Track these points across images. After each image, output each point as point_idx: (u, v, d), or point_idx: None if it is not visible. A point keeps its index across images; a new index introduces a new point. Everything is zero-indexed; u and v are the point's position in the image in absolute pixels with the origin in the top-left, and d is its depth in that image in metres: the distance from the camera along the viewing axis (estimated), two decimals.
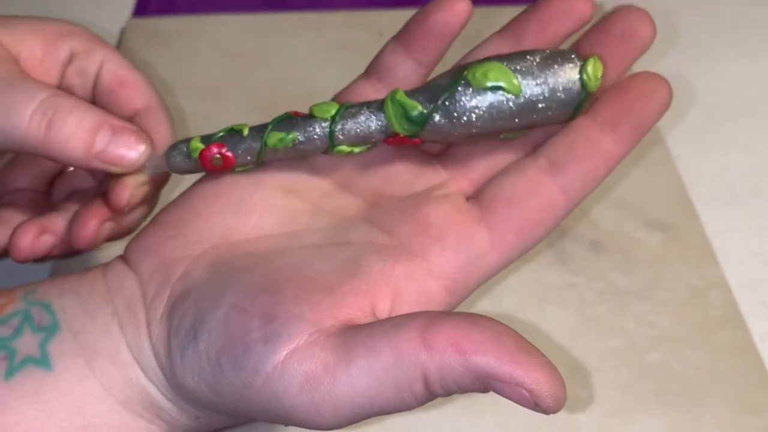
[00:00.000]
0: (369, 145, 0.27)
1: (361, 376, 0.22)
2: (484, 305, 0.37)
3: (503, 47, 0.28)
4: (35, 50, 0.30)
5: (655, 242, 0.40)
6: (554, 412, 0.22)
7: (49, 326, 0.26)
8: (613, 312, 0.37)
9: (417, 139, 0.26)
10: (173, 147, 0.28)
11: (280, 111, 0.28)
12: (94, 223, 0.28)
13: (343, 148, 0.26)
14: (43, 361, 0.25)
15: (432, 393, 0.22)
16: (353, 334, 0.23)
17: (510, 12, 0.29)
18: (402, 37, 0.28)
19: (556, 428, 0.33)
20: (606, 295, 0.38)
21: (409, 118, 0.26)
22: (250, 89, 0.49)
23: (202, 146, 0.27)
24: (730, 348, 0.35)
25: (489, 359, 0.21)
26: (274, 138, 0.26)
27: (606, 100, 0.27)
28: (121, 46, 0.53)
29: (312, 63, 0.51)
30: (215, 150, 0.27)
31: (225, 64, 0.51)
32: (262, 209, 0.28)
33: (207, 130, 0.30)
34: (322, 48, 0.52)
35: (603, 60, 0.26)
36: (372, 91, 0.29)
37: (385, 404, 0.22)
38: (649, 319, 0.37)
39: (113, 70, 0.30)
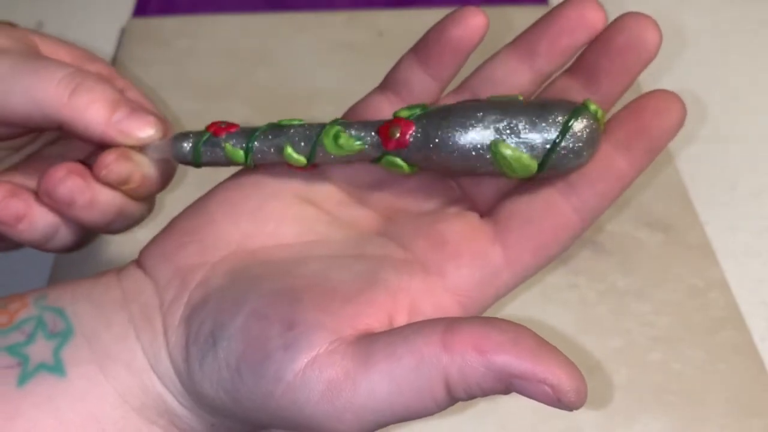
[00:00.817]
0: (360, 143, 0.26)
1: (382, 382, 0.22)
2: None
3: (516, 61, 0.28)
4: (64, 60, 0.31)
5: (655, 242, 0.40)
6: (577, 407, 0.22)
7: (62, 332, 0.26)
8: (614, 312, 0.37)
9: (408, 125, 0.26)
10: (180, 134, 0.28)
11: (281, 111, 0.28)
12: (67, 167, 0.28)
13: (335, 128, 0.26)
14: (56, 368, 0.25)
15: (453, 397, 0.23)
16: (373, 341, 0.23)
17: (516, 12, 0.28)
18: (418, 52, 0.28)
19: (556, 428, 0.33)
20: (607, 295, 0.38)
21: (410, 107, 0.26)
22: (250, 89, 0.49)
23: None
24: (730, 348, 0.35)
25: (510, 358, 0.22)
26: (283, 120, 0.27)
27: (619, 120, 0.27)
28: (121, 46, 0.53)
29: (312, 63, 0.51)
30: (224, 124, 0.28)
31: (225, 64, 0.51)
32: (279, 217, 0.28)
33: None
34: (322, 48, 0.52)
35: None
36: (387, 104, 0.29)
37: (406, 410, 0.22)
38: (649, 319, 0.37)
39: (133, 95, 0.32)
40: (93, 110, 0.28)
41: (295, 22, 0.55)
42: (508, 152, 0.25)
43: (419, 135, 0.26)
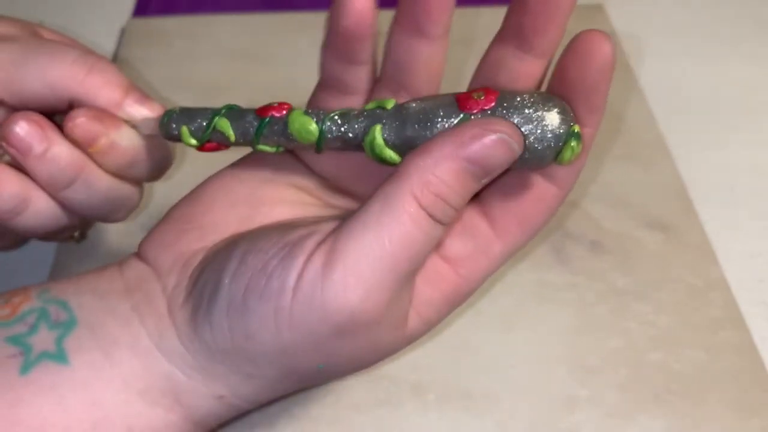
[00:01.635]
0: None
1: (364, 234, 0.24)
2: (483, 304, 0.37)
3: (508, 53, 0.27)
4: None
5: (655, 242, 0.40)
6: (521, 148, 0.24)
7: (66, 322, 0.26)
8: (613, 312, 0.37)
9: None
10: (168, 111, 0.28)
11: None
12: (26, 114, 0.28)
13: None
14: (59, 356, 0.25)
15: (429, 213, 0.24)
16: (345, 220, 0.25)
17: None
18: (328, 47, 0.28)
19: (556, 428, 0.33)
20: (606, 295, 0.38)
21: (377, 101, 0.27)
22: (250, 89, 0.49)
23: (194, 143, 0.28)
24: (730, 348, 0.35)
25: (455, 141, 0.24)
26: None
27: (554, 88, 0.26)
28: (121, 46, 0.53)
29: (312, 63, 0.51)
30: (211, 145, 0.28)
31: (225, 64, 0.51)
32: (273, 200, 0.28)
33: None
34: None
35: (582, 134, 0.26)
36: (333, 101, 0.29)
37: (396, 248, 0.24)
38: (649, 319, 0.37)
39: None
40: (107, 91, 0.29)
41: (295, 22, 0.55)
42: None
43: (397, 127, 0.26)
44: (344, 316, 0.24)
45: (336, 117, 0.26)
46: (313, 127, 0.26)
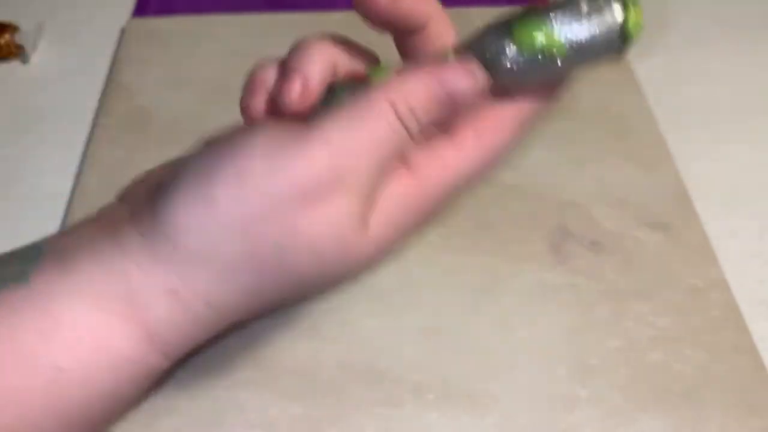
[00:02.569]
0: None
1: (345, 121, 0.26)
2: (483, 304, 0.37)
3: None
4: None
5: (655, 242, 0.40)
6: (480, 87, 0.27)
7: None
8: (613, 312, 0.37)
9: None
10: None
11: None
12: None
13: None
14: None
15: (403, 121, 0.26)
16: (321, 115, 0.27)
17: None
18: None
19: (556, 428, 0.33)
20: (606, 295, 0.38)
21: None
22: None
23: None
24: (730, 348, 0.35)
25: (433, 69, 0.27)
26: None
27: None
28: (121, 46, 0.53)
29: None
30: None
31: (225, 64, 0.51)
32: None
33: (206, 131, 0.30)
34: None
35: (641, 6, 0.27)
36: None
37: (374, 138, 0.26)
38: (649, 319, 0.37)
39: None
40: None
41: (295, 22, 0.55)
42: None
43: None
44: (311, 180, 0.25)
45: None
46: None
